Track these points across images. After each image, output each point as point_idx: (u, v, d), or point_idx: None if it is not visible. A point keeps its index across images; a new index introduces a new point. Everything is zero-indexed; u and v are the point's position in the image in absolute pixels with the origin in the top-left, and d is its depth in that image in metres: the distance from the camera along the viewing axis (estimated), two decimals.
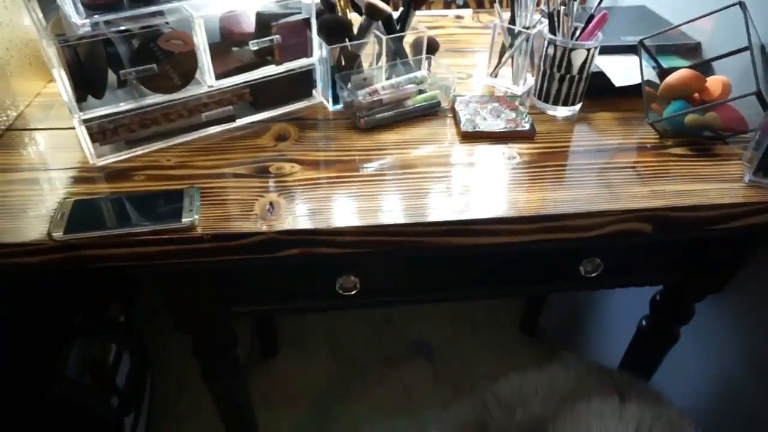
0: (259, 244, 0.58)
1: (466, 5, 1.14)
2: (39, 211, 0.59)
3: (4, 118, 0.73)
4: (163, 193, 0.61)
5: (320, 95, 0.81)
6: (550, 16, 0.77)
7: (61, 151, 0.70)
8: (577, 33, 0.76)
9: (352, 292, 0.68)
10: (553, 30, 0.77)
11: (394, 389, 1.33)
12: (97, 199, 0.60)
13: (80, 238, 0.55)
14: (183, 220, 0.57)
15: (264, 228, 0.58)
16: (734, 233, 0.69)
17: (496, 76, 0.88)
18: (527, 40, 0.81)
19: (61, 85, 0.61)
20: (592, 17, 0.75)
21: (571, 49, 0.74)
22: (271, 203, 0.61)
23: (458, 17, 1.12)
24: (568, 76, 0.76)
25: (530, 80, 0.86)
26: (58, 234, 0.55)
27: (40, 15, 0.66)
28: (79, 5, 0.58)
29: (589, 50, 0.74)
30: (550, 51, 0.76)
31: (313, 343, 1.47)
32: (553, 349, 1.47)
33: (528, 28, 0.82)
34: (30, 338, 0.94)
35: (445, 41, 0.97)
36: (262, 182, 0.65)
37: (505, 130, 0.75)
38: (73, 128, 0.66)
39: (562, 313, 1.49)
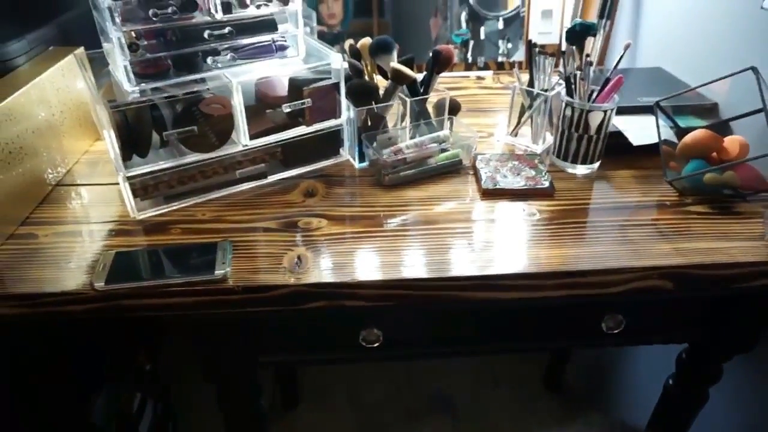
0: (286, 296, 0.60)
1: (486, 67, 1.19)
2: (82, 262, 0.63)
3: (55, 175, 0.79)
4: (197, 246, 0.65)
5: (347, 153, 0.85)
6: (566, 80, 0.80)
7: (104, 205, 0.74)
8: (594, 95, 0.80)
9: (375, 345, 0.69)
10: (570, 92, 0.80)
11: None
12: (136, 251, 0.64)
13: (120, 289, 0.58)
14: (216, 272, 0.60)
15: (292, 281, 0.60)
16: (758, 291, 0.68)
17: (516, 135, 0.92)
18: (546, 102, 0.85)
19: (110, 144, 0.66)
20: (608, 80, 0.79)
21: (588, 111, 0.77)
22: (299, 257, 0.64)
23: (479, 78, 1.18)
24: (585, 136, 0.79)
25: (549, 139, 0.89)
26: (99, 284, 0.58)
27: (94, 81, 0.72)
28: (131, 74, 0.64)
29: (605, 112, 0.77)
30: (568, 112, 0.79)
31: (333, 396, 1.46)
32: (578, 405, 1.43)
33: (546, 91, 0.85)
34: (58, 385, 0.96)
35: (467, 101, 1.02)
36: (291, 236, 0.68)
37: (525, 187, 0.77)
38: (116, 184, 0.71)
39: (587, 368, 1.46)
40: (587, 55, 0.79)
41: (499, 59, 1.20)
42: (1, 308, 0.59)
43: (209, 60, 0.69)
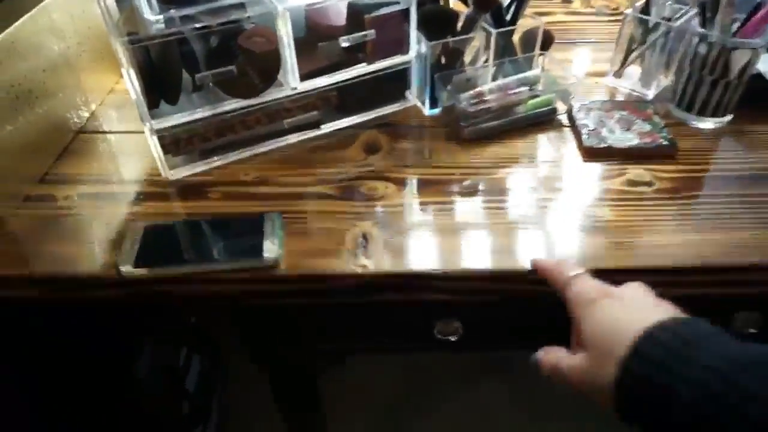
0: (352, 287, 0.49)
1: None
2: (107, 234, 0.53)
3: (76, 120, 0.67)
4: (241, 218, 0.53)
5: (414, 97, 0.70)
6: (702, 5, 0.62)
7: (132, 159, 0.63)
8: (736, 26, 0.62)
9: (453, 338, 0.58)
10: (703, 23, 0.63)
11: (470, 407, 1.24)
12: (168, 225, 0.53)
13: (150, 276, 0.48)
14: (265, 256, 0.48)
15: (359, 270, 0.49)
16: None
17: (620, 77, 0.74)
18: (667, 35, 0.67)
19: (132, 89, 0.54)
20: (759, 6, 0.60)
21: (732, 48, 0.60)
22: (364, 235, 0.52)
23: (566, 1, 0.98)
24: (722, 81, 0.62)
25: (662, 82, 0.72)
26: (126, 268, 0.48)
27: (111, 4, 0.59)
28: (153, 0, 0.50)
29: (754, 50, 0.60)
30: (702, 50, 0.62)
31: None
32: None
33: (669, 20, 0.67)
34: (101, 339, 0.91)
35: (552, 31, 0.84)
36: (353, 206, 0.56)
37: (640, 145, 0.62)
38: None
39: None
40: None
41: None
42: (16, 291, 0.50)
43: None
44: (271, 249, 0.49)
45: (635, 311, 0.34)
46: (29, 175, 0.60)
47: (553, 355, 0.38)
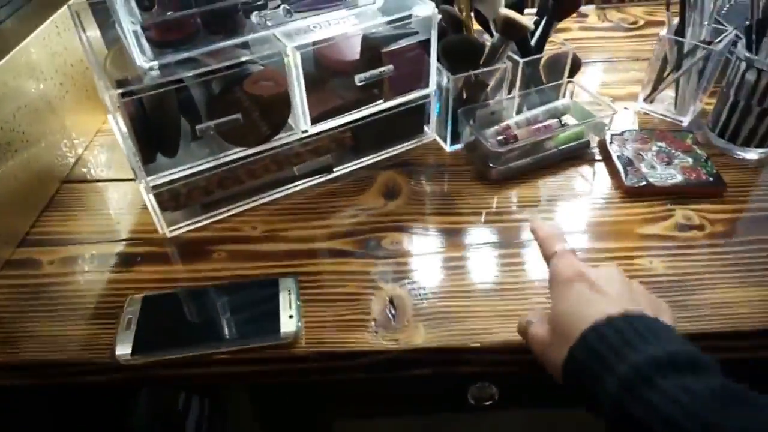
0: (381, 363, 0.43)
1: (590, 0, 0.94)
2: (100, 309, 0.47)
3: (61, 168, 0.61)
4: (253, 285, 0.47)
5: (433, 132, 0.64)
6: (748, 28, 0.57)
7: (124, 211, 0.57)
8: None
9: (488, 403, 0.53)
10: (750, 46, 0.57)
11: None
12: (169, 296, 0.46)
13: (150, 362, 0.42)
14: (282, 332, 0.43)
15: (389, 345, 0.43)
16: None
17: (651, 102, 0.69)
18: (708, 60, 0.62)
19: (124, 144, 0.48)
20: None
21: None
22: (391, 301, 0.46)
23: (580, 15, 0.93)
24: None
25: (697, 106, 0.67)
26: (123, 353, 0.42)
27: (96, 42, 0.53)
28: (145, 44, 0.44)
29: None
30: (750, 77, 0.56)
31: None
32: None
33: (709, 43, 0.62)
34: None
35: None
36: (375, 265, 0.50)
37: (684, 183, 0.57)
38: None
39: None
40: None
41: None
42: (4, 379, 0.44)
43: (254, 17, 0.49)
44: (288, 323, 0.43)
45: (598, 300, 0.36)
46: (9, 236, 0.53)
47: (526, 319, 0.40)
